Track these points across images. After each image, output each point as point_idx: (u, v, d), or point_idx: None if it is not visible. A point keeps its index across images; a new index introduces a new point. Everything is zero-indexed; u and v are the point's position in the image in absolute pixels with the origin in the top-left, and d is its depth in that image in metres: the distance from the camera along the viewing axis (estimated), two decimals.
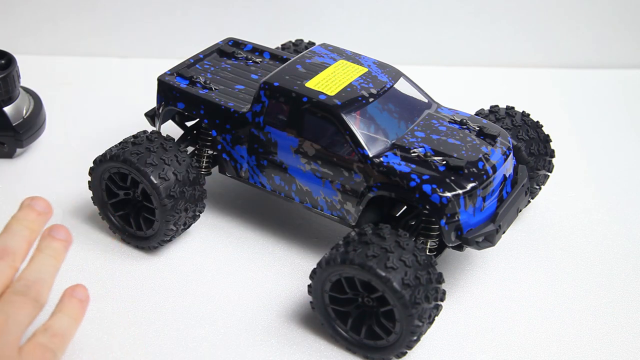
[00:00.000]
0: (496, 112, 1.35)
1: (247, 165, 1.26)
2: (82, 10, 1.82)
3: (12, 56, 1.44)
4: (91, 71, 1.79)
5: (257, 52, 1.42)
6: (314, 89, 1.19)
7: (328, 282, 1.08)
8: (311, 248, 1.30)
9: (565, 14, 1.89)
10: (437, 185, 1.11)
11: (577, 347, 1.15)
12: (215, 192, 1.39)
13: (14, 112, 1.44)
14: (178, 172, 1.21)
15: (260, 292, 1.21)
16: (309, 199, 1.22)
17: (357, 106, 1.17)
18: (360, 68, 1.25)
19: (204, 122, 1.28)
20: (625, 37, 1.91)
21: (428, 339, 1.14)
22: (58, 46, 1.83)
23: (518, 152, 1.29)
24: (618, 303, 1.23)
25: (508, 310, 1.21)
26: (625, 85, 1.86)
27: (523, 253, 1.32)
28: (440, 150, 1.16)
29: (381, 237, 1.06)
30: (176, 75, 1.32)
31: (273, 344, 1.13)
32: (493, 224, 1.15)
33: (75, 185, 1.37)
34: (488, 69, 1.89)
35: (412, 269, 1.04)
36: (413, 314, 1.02)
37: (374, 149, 1.15)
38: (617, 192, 1.49)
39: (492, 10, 1.87)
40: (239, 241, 1.31)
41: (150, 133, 1.26)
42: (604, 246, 1.35)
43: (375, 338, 1.09)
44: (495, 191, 1.16)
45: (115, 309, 1.16)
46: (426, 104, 1.26)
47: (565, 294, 1.24)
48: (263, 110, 1.21)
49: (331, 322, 1.11)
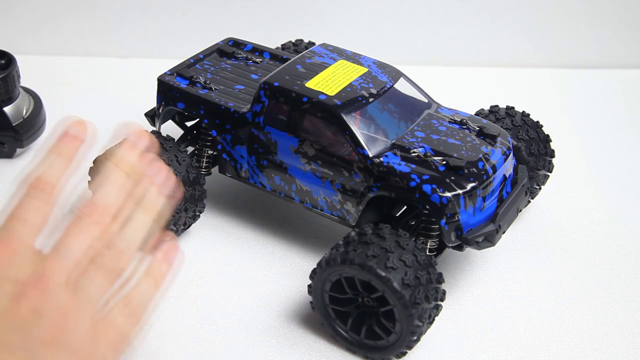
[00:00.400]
0: (496, 112, 1.35)
1: (247, 165, 1.26)
2: (82, 10, 1.82)
3: (12, 56, 1.44)
4: (91, 71, 1.79)
5: (257, 52, 1.42)
6: (314, 89, 1.19)
7: (328, 282, 1.08)
8: (311, 248, 1.30)
9: (565, 14, 1.89)
10: (437, 185, 1.11)
11: (577, 347, 1.15)
12: (215, 192, 1.39)
13: (14, 112, 1.44)
14: (178, 172, 1.21)
15: (260, 292, 1.21)
16: (309, 199, 1.22)
17: (357, 106, 1.17)
18: (360, 68, 1.25)
19: (204, 122, 1.28)
20: (625, 37, 1.91)
21: (428, 339, 1.14)
22: (58, 46, 1.83)
23: (518, 152, 1.29)
24: (618, 303, 1.23)
25: (508, 310, 1.21)
26: (625, 85, 1.86)
27: (523, 253, 1.32)
28: (440, 150, 1.16)
29: (381, 237, 1.06)
30: (176, 75, 1.32)
31: (273, 344, 1.13)
32: (493, 224, 1.15)
33: (75, 185, 1.37)
34: (488, 69, 1.89)
35: (412, 269, 1.04)
36: (413, 314, 1.02)
37: (374, 149, 1.15)
38: (617, 192, 1.49)
39: (492, 10, 1.87)
40: (239, 241, 1.31)
41: (150, 133, 1.25)
42: (604, 246, 1.35)
43: (375, 338, 1.09)
44: (495, 191, 1.16)
45: None
46: (426, 104, 1.26)
47: (565, 294, 1.24)
48: (263, 110, 1.21)
49: (331, 322, 1.11)
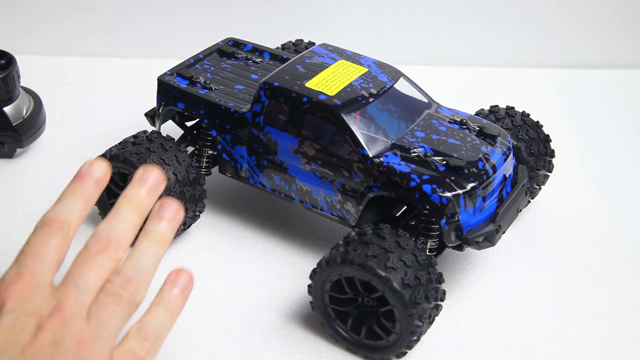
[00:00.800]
0: (496, 112, 1.35)
1: (247, 165, 1.26)
2: (82, 10, 1.82)
3: (12, 56, 1.44)
4: (91, 71, 1.79)
5: (257, 52, 1.42)
6: (314, 89, 1.19)
7: (328, 282, 1.08)
8: (311, 248, 1.30)
9: (565, 14, 1.89)
10: (437, 185, 1.11)
11: (577, 347, 1.15)
12: (215, 192, 1.39)
13: (14, 112, 1.44)
14: (178, 172, 1.21)
15: (260, 292, 1.21)
16: (309, 199, 1.22)
17: (357, 106, 1.17)
18: (360, 68, 1.25)
19: (204, 122, 1.28)
20: (625, 37, 1.91)
21: (428, 339, 1.14)
22: (58, 46, 1.83)
23: (518, 152, 1.29)
24: (618, 303, 1.23)
25: (508, 310, 1.21)
26: (625, 85, 1.86)
27: (523, 253, 1.32)
28: (440, 150, 1.16)
29: (381, 237, 1.06)
30: (176, 75, 1.32)
31: (273, 344, 1.13)
32: (493, 224, 1.15)
33: None
34: (488, 69, 1.89)
35: (412, 269, 1.04)
36: (413, 314, 1.02)
37: (374, 149, 1.15)
38: (617, 192, 1.49)
39: (492, 10, 1.87)
40: (239, 241, 1.31)
41: (150, 133, 1.26)
42: (604, 246, 1.35)
43: (375, 338, 1.09)
44: (495, 191, 1.16)
45: None
46: (426, 104, 1.26)
47: (565, 294, 1.24)
48: (263, 110, 1.21)
49: (331, 322, 1.11)
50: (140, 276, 0.85)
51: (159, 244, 0.88)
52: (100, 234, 0.85)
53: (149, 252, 0.87)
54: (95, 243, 0.84)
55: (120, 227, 0.86)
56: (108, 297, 0.83)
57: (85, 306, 0.82)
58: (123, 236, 0.86)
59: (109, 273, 0.84)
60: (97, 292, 0.83)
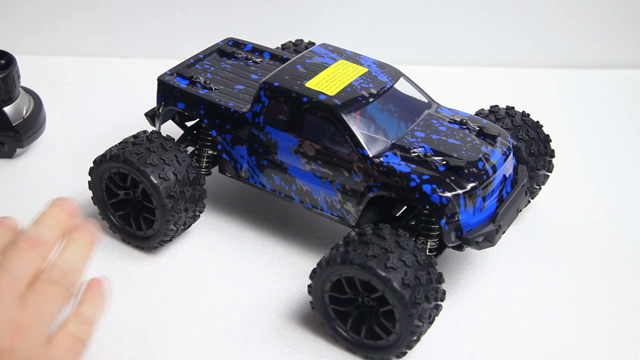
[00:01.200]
0: (496, 112, 1.35)
1: (247, 165, 1.26)
2: (82, 10, 1.82)
3: (12, 56, 1.44)
4: (91, 71, 1.79)
5: (257, 52, 1.42)
6: (314, 89, 1.19)
7: (328, 282, 1.08)
8: (311, 248, 1.30)
9: (565, 14, 1.89)
10: (437, 185, 1.11)
11: (577, 347, 1.15)
12: (215, 192, 1.39)
13: (14, 112, 1.44)
14: (178, 172, 1.21)
15: (260, 292, 1.21)
16: (309, 199, 1.22)
17: (357, 106, 1.17)
18: (360, 68, 1.25)
19: (204, 122, 1.28)
20: (625, 37, 1.91)
21: (428, 339, 1.14)
22: (58, 46, 1.83)
23: (518, 152, 1.29)
24: (618, 303, 1.23)
25: (508, 310, 1.21)
26: (625, 85, 1.86)
27: (523, 253, 1.32)
28: (440, 150, 1.16)
29: (381, 237, 1.06)
30: (176, 75, 1.32)
31: (273, 344, 1.13)
32: (493, 224, 1.15)
33: (75, 185, 1.37)
34: (488, 69, 1.89)
35: (412, 269, 1.04)
36: (413, 314, 1.02)
37: (374, 149, 1.15)
38: (617, 192, 1.49)
39: (492, 10, 1.87)
40: (239, 241, 1.31)
41: (150, 133, 1.26)
42: (604, 246, 1.35)
43: (375, 338, 1.09)
44: (495, 191, 1.16)
45: (115, 309, 1.16)
46: (426, 104, 1.26)
47: (565, 294, 1.24)
48: (263, 110, 1.21)
49: (331, 322, 1.11)
50: (74, 270, 0.89)
51: (86, 249, 0.91)
52: (28, 233, 0.88)
53: (79, 251, 0.90)
54: (25, 240, 0.87)
55: (46, 231, 0.89)
56: (47, 284, 0.85)
57: (19, 294, 0.83)
58: (49, 239, 0.89)
59: (39, 269, 0.87)
60: (30, 278, 0.85)
